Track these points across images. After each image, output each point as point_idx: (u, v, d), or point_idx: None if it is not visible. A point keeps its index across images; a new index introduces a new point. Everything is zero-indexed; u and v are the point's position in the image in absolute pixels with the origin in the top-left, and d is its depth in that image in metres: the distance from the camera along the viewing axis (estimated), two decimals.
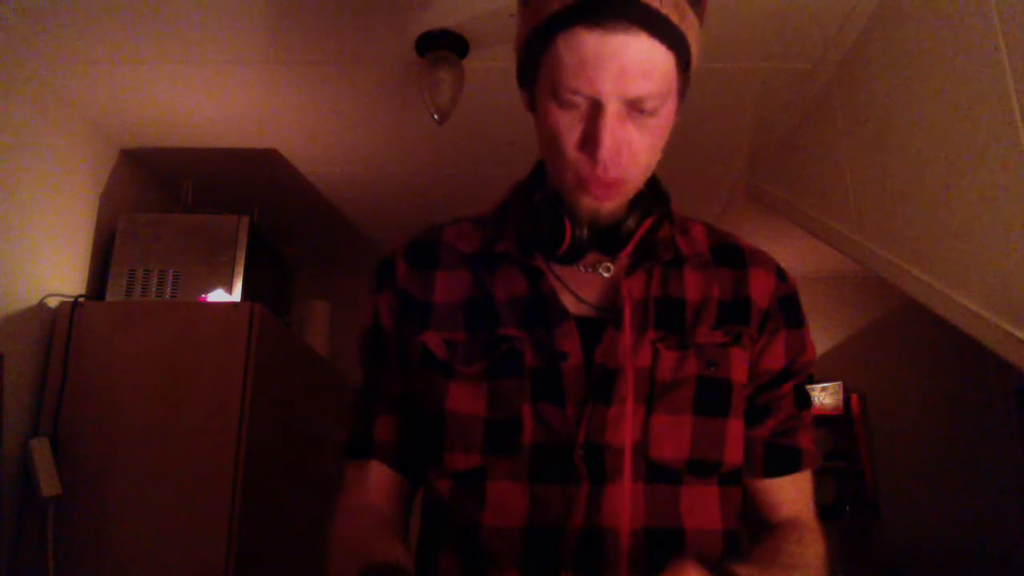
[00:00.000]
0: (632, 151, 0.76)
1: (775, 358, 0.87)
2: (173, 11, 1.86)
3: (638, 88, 0.72)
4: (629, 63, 0.71)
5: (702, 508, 0.80)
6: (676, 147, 0.82)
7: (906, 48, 1.74)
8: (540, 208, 0.83)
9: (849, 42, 1.97)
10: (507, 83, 2.25)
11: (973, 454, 3.19)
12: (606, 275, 0.86)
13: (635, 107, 0.74)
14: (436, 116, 2.05)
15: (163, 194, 2.75)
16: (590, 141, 0.75)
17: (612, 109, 0.73)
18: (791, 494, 0.88)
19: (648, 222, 0.83)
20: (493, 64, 2.05)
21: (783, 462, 0.87)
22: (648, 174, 0.82)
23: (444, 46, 1.98)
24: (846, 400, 3.57)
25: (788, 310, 0.89)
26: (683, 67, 0.76)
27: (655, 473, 0.78)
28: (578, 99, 0.74)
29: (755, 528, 0.87)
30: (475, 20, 1.91)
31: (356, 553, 0.79)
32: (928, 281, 1.67)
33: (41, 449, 2.00)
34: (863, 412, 3.56)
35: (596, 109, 0.74)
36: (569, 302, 0.83)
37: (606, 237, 0.83)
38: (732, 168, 2.73)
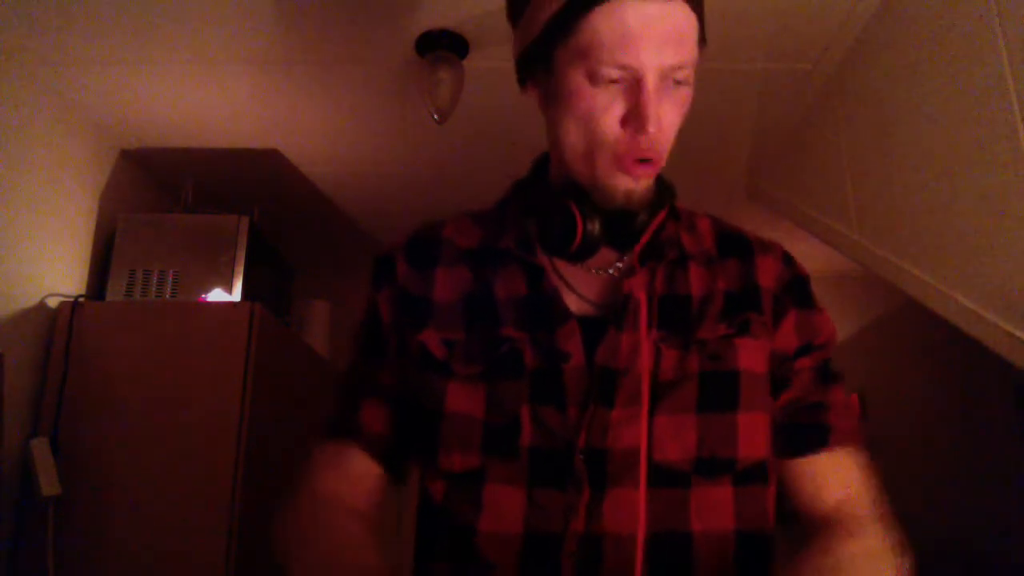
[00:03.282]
0: (664, 126, 0.75)
1: (787, 340, 0.83)
2: (173, 11, 1.86)
3: (676, 56, 0.72)
4: (667, 30, 0.71)
5: (713, 510, 0.76)
6: (676, 147, 0.82)
7: (906, 48, 1.74)
8: (549, 204, 0.81)
9: (849, 42, 1.97)
10: (507, 83, 2.25)
11: (973, 454, 3.19)
12: (610, 273, 0.83)
13: (669, 78, 0.73)
14: (436, 116, 2.05)
15: (163, 194, 2.75)
16: (636, 116, 0.73)
17: (652, 80, 0.72)
18: (831, 479, 0.81)
19: (661, 215, 0.81)
20: (493, 64, 2.05)
21: (804, 438, 0.82)
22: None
23: (444, 46, 1.97)
24: None
25: (796, 293, 0.85)
26: (701, 37, 0.76)
27: (660, 477, 0.74)
28: (617, 74, 0.72)
29: (802, 529, 0.80)
30: (475, 20, 1.91)
31: (332, 553, 0.75)
32: (928, 281, 1.67)
33: (41, 449, 2.00)
34: (863, 412, 3.56)
35: (638, 83, 0.72)
36: (571, 301, 0.81)
37: (618, 231, 0.80)
38: (732, 168, 2.72)
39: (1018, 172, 1.38)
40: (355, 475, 0.84)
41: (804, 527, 0.80)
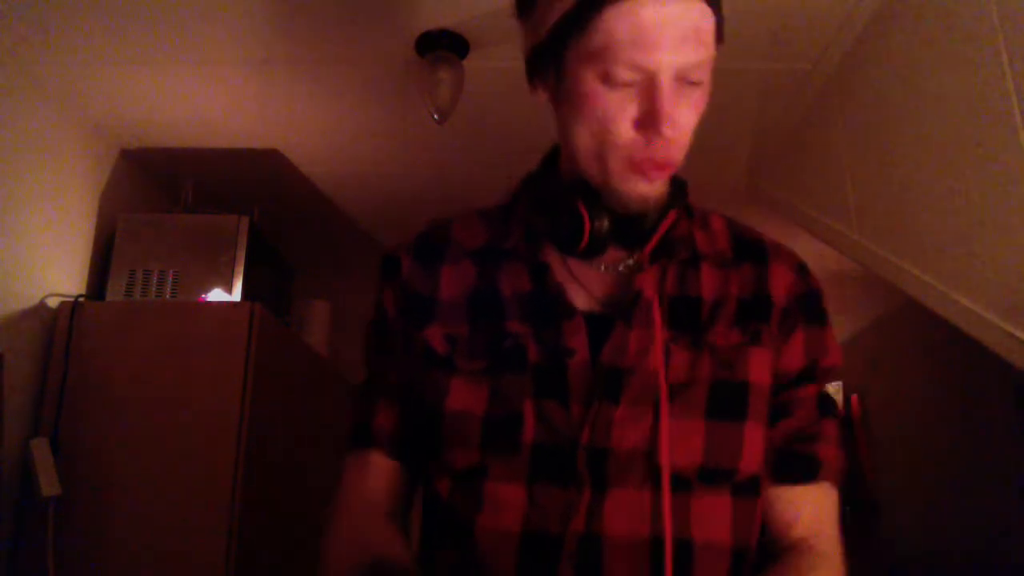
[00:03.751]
0: (681, 128, 0.73)
1: (793, 357, 0.82)
2: (173, 11, 1.86)
3: (692, 55, 0.70)
4: (684, 29, 0.69)
5: (713, 519, 0.75)
6: None
7: (906, 48, 1.74)
8: (556, 202, 0.79)
9: (849, 42, 1.97)
10: (507, 83, 2.26)
11: (973, 454, 3.19)
12: (619, 270, 0.82)
13: (684, 78, 0.71)
14: (436, 116, 2.05)
15: (163, 194, 2.75)
16: (652, 118, 0.71)
17: (667, 81, 0.70)
18: (807, 510, 0.82)
19: (672, 215, 0.80)
20: (493, 64, 2.05)
21: (796, 468, 0.82)
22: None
23: (444, 46, 1.98)
24: (846, 400, 3.58)
25: (808, 308, 0.84)
26: (719, 34, 0.74)
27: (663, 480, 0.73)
28: (632, 75, 0.70)
29: (769, 550, 0.81)
30: (475, 20, 1.91)
31: (358, 552, 0.78)
32: (928, 281, 1.67)
33: (41, 449, 2.00)
34: (863, 412, 3.56)
35: (653, 83, 0.70)
36: (578, 297, 0.80)
37: (628, 231, 0.79)
38: (732, 168, 2.72)
39: (1018, 172, 1.38)
40: (375, 479, 0.85)
41: (767, 550, 0.81)
